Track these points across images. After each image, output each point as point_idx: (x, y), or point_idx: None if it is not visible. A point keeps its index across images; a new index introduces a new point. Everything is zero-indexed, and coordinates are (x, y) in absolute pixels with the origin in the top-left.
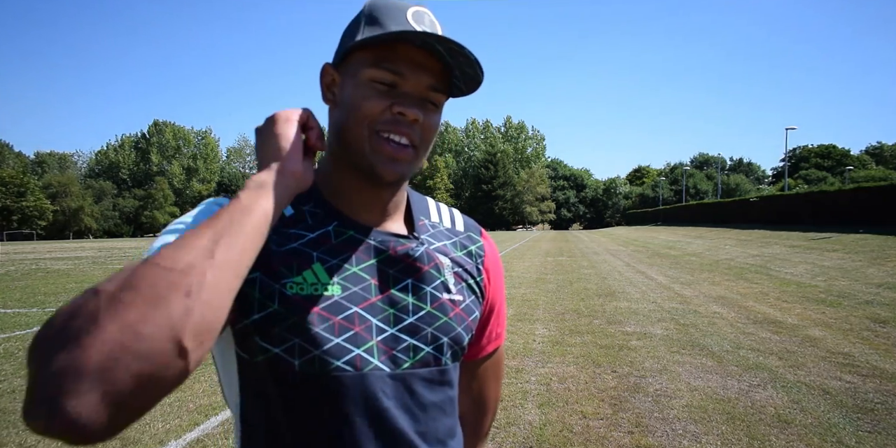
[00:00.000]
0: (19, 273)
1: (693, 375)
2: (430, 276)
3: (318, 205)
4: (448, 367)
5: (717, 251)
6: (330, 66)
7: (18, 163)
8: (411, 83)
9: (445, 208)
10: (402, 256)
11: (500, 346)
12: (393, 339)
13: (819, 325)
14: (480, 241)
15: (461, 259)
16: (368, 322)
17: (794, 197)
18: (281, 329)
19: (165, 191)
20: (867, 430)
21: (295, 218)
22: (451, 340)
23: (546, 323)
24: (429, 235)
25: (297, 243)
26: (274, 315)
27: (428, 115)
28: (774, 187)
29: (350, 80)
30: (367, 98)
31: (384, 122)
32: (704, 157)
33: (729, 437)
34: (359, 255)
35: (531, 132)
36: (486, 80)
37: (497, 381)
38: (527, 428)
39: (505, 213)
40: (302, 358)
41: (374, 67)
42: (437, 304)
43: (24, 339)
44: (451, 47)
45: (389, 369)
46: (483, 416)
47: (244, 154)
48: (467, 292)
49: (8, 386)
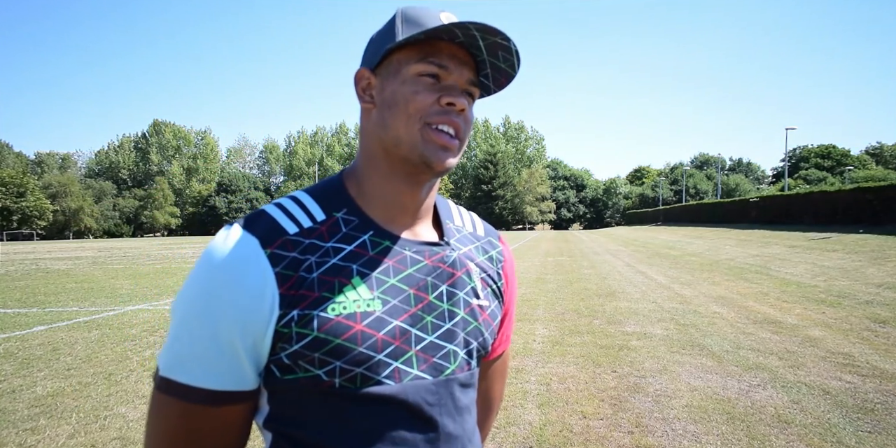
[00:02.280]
0: (19, 273)
1: (693, 375)
2: (462, 281)
3: (351, 211)
4: (475, 370)
5: (717, 251)
6: (365, 70)
7: (18, 163)
8: (455, 76)
9: (465, 211)
10: (437, 264)
11: (508, 348)
12: (432, 346)
13: (819, 325)
14: (500, 245)
15: (485, 264)
16: (408, 333)
17: (794, 197)
18: (322, 353)
19: (165, 191)
20: (867, 430)
21: (329, 226)
22: (479, 345)
23: (546, 323)
24: (456, 240)
25: (337, 258)
26: (314, 342)
27: (469, 107)
28: (774, 187)
29: (393, 78)
30: (416, 92)
31: (434, 114)
32: (704, 157)
33: (729, 437)
34: (396, 265)
35: (531, 132)
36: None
37: (503, 382)
38: (527, 428)
39: (505, 213)
40: (343, 377)
41: (421, 62)
42: (468, 310)
43: (24, 339)
44: (495, 41)
45: (432, 377)
46: (489, 415)
47: (244, 154)
48: (492, 297)
49: (8, 386)
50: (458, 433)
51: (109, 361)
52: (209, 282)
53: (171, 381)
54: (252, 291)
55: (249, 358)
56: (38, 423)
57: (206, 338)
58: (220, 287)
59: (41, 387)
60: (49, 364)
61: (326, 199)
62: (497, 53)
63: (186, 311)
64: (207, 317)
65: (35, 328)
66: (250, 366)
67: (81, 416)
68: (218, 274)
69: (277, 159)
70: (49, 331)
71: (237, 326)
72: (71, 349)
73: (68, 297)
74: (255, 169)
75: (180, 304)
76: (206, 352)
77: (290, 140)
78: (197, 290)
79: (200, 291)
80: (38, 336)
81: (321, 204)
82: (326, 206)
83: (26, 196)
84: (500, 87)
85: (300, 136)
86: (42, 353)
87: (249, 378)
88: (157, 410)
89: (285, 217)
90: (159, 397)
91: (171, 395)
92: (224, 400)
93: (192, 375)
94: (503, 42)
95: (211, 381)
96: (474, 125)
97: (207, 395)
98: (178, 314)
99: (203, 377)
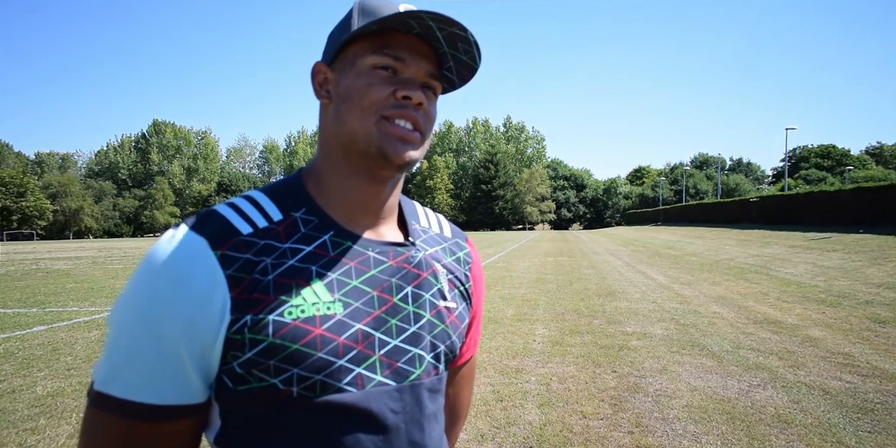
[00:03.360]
0: (19, 273)
1: (693, 375)
2: (428, 283)
3: (311, 211)
4: (443, 374)
5: (717, 251)
6: (321, 64)
7: (18, 163)
8: (412, 69)
9: (431, 213)
10: (402, 264)
11: (476, 354)
12: (397, 350)
13: (819, 325)
14: (467, 247)
15: (452, 266)
16: (371, 337)
17: (794, 197)
18: (278, 361)
19: (165, 191)
20: (867, 430)
21: (286, 226)
22: (447, 348)
23: (546, 323)
24: (422, 241)
25: (295, 260)
26: (269, 349)
27: (429, 101)
28: (774, 187)
29: (349, 71)
30: (371, 85)
31: (390, 107)
32: (704, 157)
33: (729, 437)
34: (358, 266)
35: (531, 132)
36: (486, 79)
37: (470, 388)
38: (527, 428)
39: (505, 213)
40: (301, 385)
41: (375, 54)
42: (434, 312)
43: (24, 339)
44: (451, 32)
45: (396, 383)
46: (456, 423)
47: (244, 154)
48: (459, 299)
49: (8, 386)
50: (425, 443)
51: None
52: (151, 285)
53: (107, 395)
54: (199, 295)
55: (197, 368)
56: (38, 423)
57: (146, 346)
58: (164, 290)
59: (41, 387)
60: (49, 364)
61: (284, 198)
62: (457, 45)
63: (125, 317)
64: (149, 323)
65: (35, 328)
66: (198, 377)
67: (81, 417)
68: (161, 277)
69: (277, 159)
70: (49, 331)
71: (182, 333)
72: (71, 349)
73: (68, 297)
74: (255, 169)
75: (119, 310)
76: (146, 362)
77: (291, 140)
78: (138, 294)
79: (142, 296)
80: (38, 336)
81: (278, 203)
82: (284, 205)
83: (26, 196)
84: (464, 80)
85: (300, 136)
86: (42, 353)
87: (197, 390)
88: (91, 429)
89: (238, 217)
90: (93, 414)
91: (107, 411)
92: (167, 415)
93: (130, 389)
94: (461, 33)
95: (152, 395)
96: (475, 125)
97: (148, 411)
98: (116, 321)
99: (143, 391)
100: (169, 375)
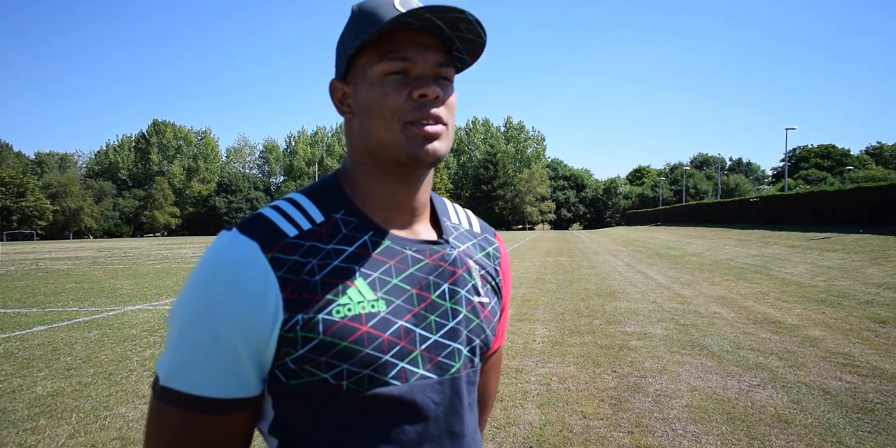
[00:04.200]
0: (19, 273)
1: (693, 375)
2: (463, 279)
3: (350, 212)
4: (478, 367)
5: (717, 251)
6: (337, 81)
7: (18, 163)
8: (421, 65)
9: (460, 209)
10: (438, 262)
11: (503, 343)
12: (437, 345)
13: (819, 325)
14: (496, 242)
15: (483, 261)
16: (413, 333)
17: (794, 197)
18: (329, 357)
19: (165, 191)
20: (867, 430)
21: (328, 227)
22: (482, 342)
23: (546, 323)
24: (454, 238)
25: (339, 260)
26: (320, 346)
27: (445, 90)
28: (774, 187)
29: (362, 83)
30: (386, 94)
31: (410, 111)
32: (704, 157)
33: (729, 437)
34: (397, 265)
35: (531, 132)
36: (485, 79)
37: (497, 377)
38: (527, 428)
39: (505, 213)
40: (350, 379)
41: (382, 62)
42: (470, 307)
43: (24, 339)
44: (451, 16)
45: (437, 376)
46: (484, 411)
47: (244, 154)
48: (491, 294)
49: (8, 386)
50: (463, 432)
51: (109, 361)
52: (209, 289)
53: (173, 390)
54: (254, 297)
55: (253, 364)
56: (38, 423)
57: (207, 345)
58: (222, 294)
59: (41, 387)
60: (49, 364)
61: (324, 200)
62: (459, 26)
63: (186, 318)
64: (209, 324)
65: (35, 328)
66: (254, 372)
67: (81, 416)
68: (218, 280)
69: (277, 159)
70: (49, 331)
71: (240, 333)
72: (71, 349)
73: (68, 297)
74: (255, 169)
75: (180, 312)
76: (207, 360)
77: (291, 140)
78: (197, 297)
79: (201, 299)
80: (38, 336)
81: (319, 205)
82: (324, 207)
83: (26, 196)
84: (476, 56)
85: (300, 136)
86: (42, 353)
87: (253, 385)
88: (157, 420)
89: (284, 220)
90: (160, 407)
91: (173, 404)
92: (227, 408)
93: (193, 384)
94: (459, 15)
95: (214, 390)
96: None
97: (210, 404)
98: (177, 322)
99: (205, 386)
100: (228, 371)
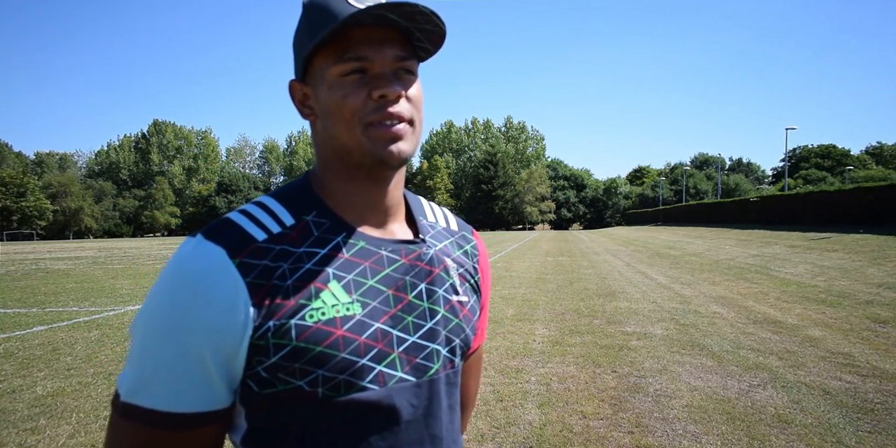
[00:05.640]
0: (19, 273)
1: (693, 375)
2: (441, 278)
3: (322, 214)
4: (458, 367)
5: (717, 251)
6: (296, 82)
7: (18, 163)
8: (378, 62)
9: (437, 207)
10: (414, 262)
11: (483, 342)
12: (415, 347)
13: (819, 325)
14: (473, 240)
15: (461, 259)
16: (390, 335)
17: (794, 197)
18: (303, 363)
19: (165, 191)
20: (867, 430)
21: (299, 230)
22: (461, 342)
23: (546, 323)
24: (431, 236)
25: (311, 263)
26: (293, 352)
27: (407, 85)
28: (774, 187)
29: (321, 85)
30: (345, 96)
31: (371, 112)
32: (704, 157)
33: (729, 437)
34: (372, 266)
35: (531, 132)
36: (485, 79)
37: (478, 377)
38: (527, 428)
39: (505, 213)
40: (326, 385)
41: (338, 63)
42: (448, 307)
43: (24, 339)
44: (404, 11)
45: (416, 378)
46: (464, 412)
47: (244, 154)
48: (470, 293)
49: (8, 386)
50: (443, 435)
51: (109, 361)
52: (174, 297)
53: (134, 406)
54: (222, 305)
55: (221, 375)
56: (38, 423)
57: (172, 357)
58: (187, 302)
59: (41, 387)
60: (49, 364)
61: (294, 202)
62: (415, 18)
63: (150, 329)
64: (174, 335)
65: (35, 328)
66: (223, 383)
67: (81, 416)
68: (183, 288)
69: (278, 159)
70: (49, 331)
71: (208, 343)
72: (71, 349)
73: (68, 297)
74: (255, 169)
75: (142, 322)
76: (172, 372)
77: (291, 140)
78: (161, 306)
79: (165, 308)
80: (38, 336)
81: (289, 208)
82: (295, 209)
83: (26, 196)
84: (438, 45)
85: (300, 136)
86: (42, 353)
87: (222, 397)
88: (117, 438)
89: (251, 224)
90: (121, 424)
91: (137, 421)
92: (195, 422)
93: (157, 399)
94: (412, 9)
95: (180, 404)
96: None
97: (176, 419)
98: (140, 333)
99: (171, 400)
100: (195, 384)
